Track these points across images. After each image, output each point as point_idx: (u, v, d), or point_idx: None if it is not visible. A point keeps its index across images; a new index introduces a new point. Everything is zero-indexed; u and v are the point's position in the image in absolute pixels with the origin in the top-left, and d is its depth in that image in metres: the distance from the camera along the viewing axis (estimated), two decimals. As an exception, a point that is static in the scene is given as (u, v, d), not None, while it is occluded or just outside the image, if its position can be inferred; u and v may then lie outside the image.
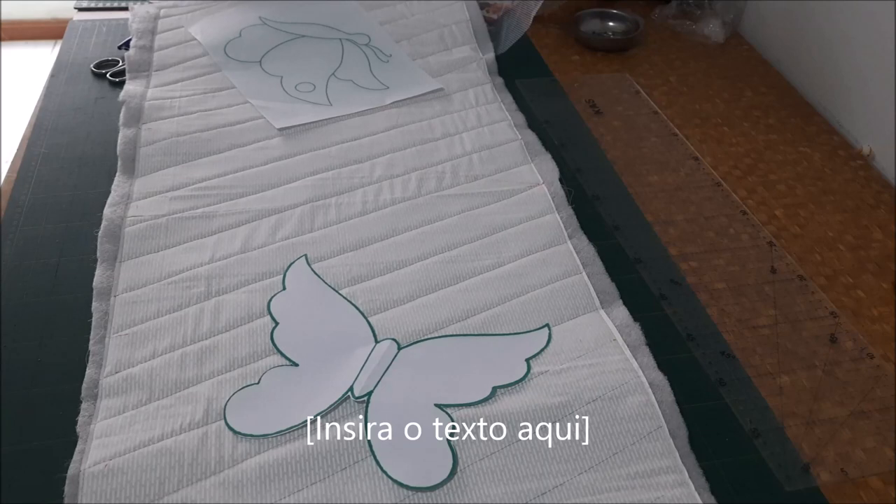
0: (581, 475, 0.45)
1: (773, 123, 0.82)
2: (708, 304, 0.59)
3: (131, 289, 0.56)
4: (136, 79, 0.78)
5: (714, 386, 0.52)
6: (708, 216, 0.67)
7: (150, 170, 0.67)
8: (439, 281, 0.58)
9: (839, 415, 0.51)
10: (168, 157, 0.69)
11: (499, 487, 0.44)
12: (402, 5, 0.91)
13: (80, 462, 0.44)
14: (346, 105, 0.77)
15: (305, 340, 0.53)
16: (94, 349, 0.51)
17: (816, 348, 0.56)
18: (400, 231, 0.62)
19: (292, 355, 0.52)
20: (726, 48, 0.95)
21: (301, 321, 0.54)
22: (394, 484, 0.44)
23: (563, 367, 0.52)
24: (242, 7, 0.88)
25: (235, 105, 0.76)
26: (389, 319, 0.55)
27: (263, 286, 0.57)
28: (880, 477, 0.48)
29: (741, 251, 0.64)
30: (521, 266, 0.59)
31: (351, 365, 0.51)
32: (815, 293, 0.60)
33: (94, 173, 0.68)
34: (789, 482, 0.47)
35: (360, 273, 0.58)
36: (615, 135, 0.77)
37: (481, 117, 0.76)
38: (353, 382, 0.50)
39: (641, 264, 0.62)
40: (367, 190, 0.66)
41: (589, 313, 0.56)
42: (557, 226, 0.63)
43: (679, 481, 0.45)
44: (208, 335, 0.53)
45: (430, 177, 0.68)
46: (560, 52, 0.92)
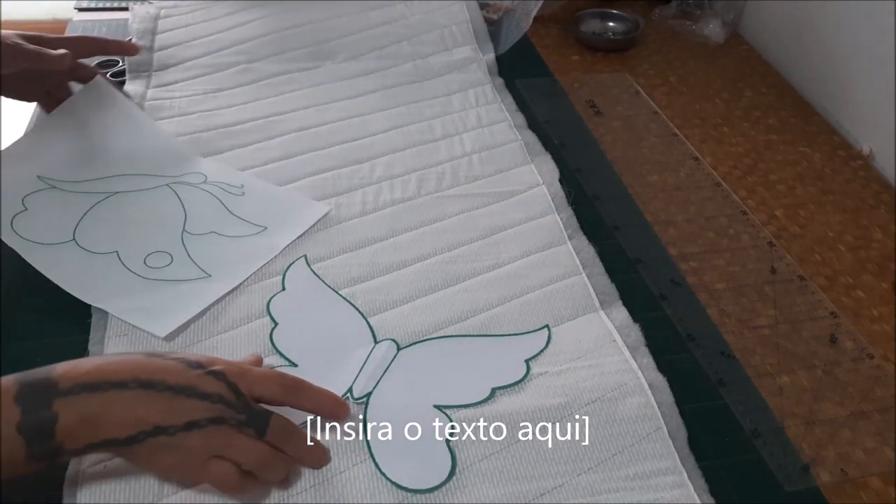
0: (581, 476, 0.45)
1: (773, 123, 0.82)
2: (708, 304, 0.59)
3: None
4: (136, 79, 0.78)
5: (714, 386, 0.52)
6: (708, 216, 0.67)
7: (150, 170, 0.67)
8: (439, 281, 0.58)
9: (839, 415, 0.51)
10: (168, 158, 0.68)
11: (498, 488, 0.44)
12: (401, 5, 0.91)
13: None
14: (230, 269, 0.57)
15: (304, 341, 0.53)
16: (93, 350, 0.51)
17: (816, 348, 0.56)
18: (400, 232, 0.62)
19: (291, 355, 0.51)
20: (726, 48, 0.95)
21: (300, 321, 0.54)
22: (392, 486, 0.44)
23: (562, 367, 0.51)
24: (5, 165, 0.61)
25: (235, 105, 0.76)
26: (389, 320, 0.54)
27: (263, 286, 0.57)
28: (880, 477, 0.48)
29: (741, 251, 0.64)
30: (521, 267, 0.59)
31: (350, 366, 0.51)
32: (815, 293, 0.60)
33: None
34: (789, 482, 0.47)
35: (359, 273, 0.58)
36: (615, 135, 0.77)
37: (481, 118, 0.76)
38: (353, 383, 0.49)
39: (641, 264, 0.62)
40: (367, 190, 0.66)
41: (589, 314, 0.56)
42: (557, 226, 0.63)
43: (678, 482, 0.45)
44: (208, 335, 0.53)
45: (429, 177, 0.68)
46: (560, 52, 0.92)
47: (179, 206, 0.61)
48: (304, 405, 0.45)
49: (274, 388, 0.43)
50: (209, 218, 0.61)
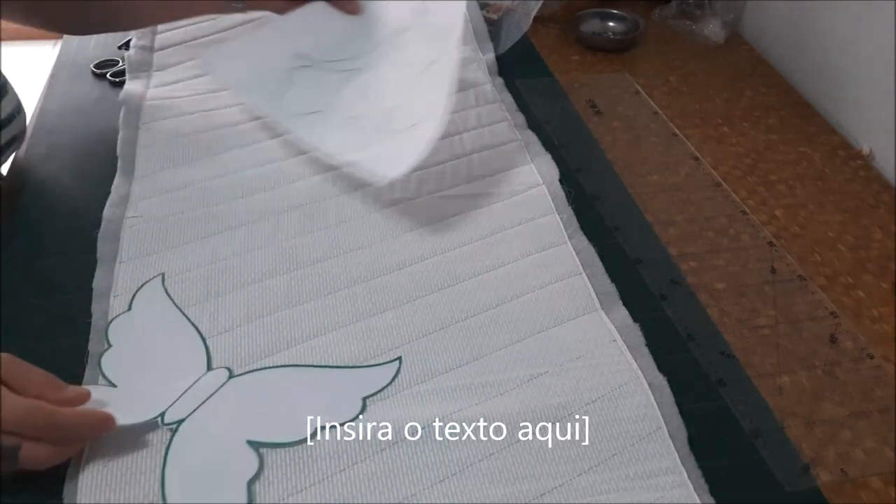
0: (581, 476, 0.45)
1: (773, 123, 0.82)
2: (708, 304, 0.59)
3: (130, 291, 0.56)
4: (135, 79, 0.78)
5: (714, 386, 0.52)
6: (708, 216, 0.67)
7: (150, 170, 0.67)
8: (439, 282, 0.58)
9: (839, 415, 0.51)
10: (168, 158, 0.69)
11: (498, 488, 0.44)
12: (402, 5, 0.91)
13: (79, 462, 0.44)
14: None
15: (133, 364, 0.50)
16: (93, 350, 0.51)
17: (816, 348, 0.56)
18: (400, 232, 0.62)
19: (114, 379, 0.49)
20: (726, 48, 0.95)
21: (135, 345, 0.52)
22: None
23: (562, 367, 0.51)
24: (262, 42, 0.74)
25: (235, 105, 0.76)
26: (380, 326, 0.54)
27: (263, 287, 0.57)
28: (880, 477, 0.48)
29: (741, 251, 0.64)
30: (521, 267, 0.59)
31: (171, 390, 0.48)
32: (815, 293, 0.60)
33: (94, 173, 0.68)
34: (789, 482, 0.47)
35: (360, 274, 0.58)
36: (615, 135, 0.77)
37: (481, 118, 0.76)
38: (168, 408, 0.47)
39: (641, 264, 0.62)
40: (367, 190, 0.66)
41: (589, 314, 0.56)
42: (557, 226, 0.63)
43: (679, 482, 0.45)
44: (207, 336, 0.53)
45: (429, 177, 0.68)
46: (560, 52, 0.92)
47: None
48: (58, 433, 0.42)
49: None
50: None
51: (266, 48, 0.74)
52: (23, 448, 0.40)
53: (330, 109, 0.70)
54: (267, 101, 0.70)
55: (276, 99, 0.70)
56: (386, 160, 0.61)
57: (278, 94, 0.70)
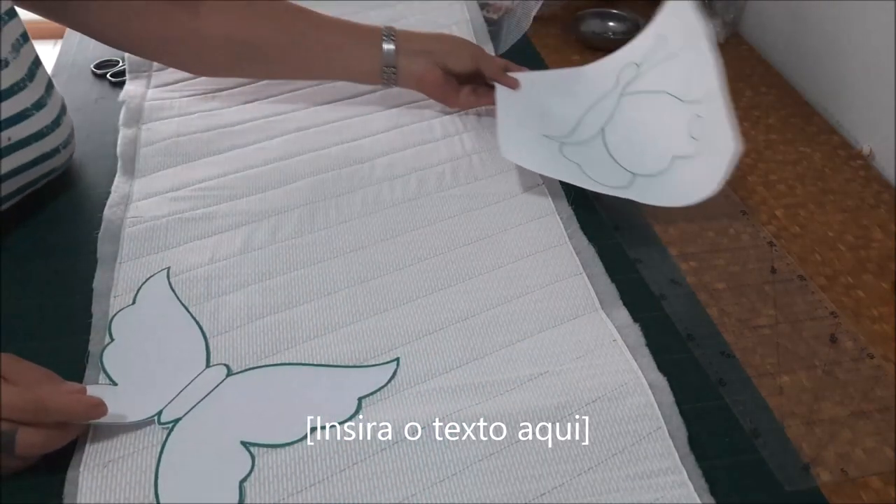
0: (581, 476, 0.45)
1: (773, 123, 0.82)
2: (708, 304, 0.59)
3: (131, 290, 0.56)
4: (136, 79, 0.78)
5: (714, 386, 0.52)
6: (708, 216, 0.67)
7: (150, 170, 0.67)
8: (439, 282, 0.58)
9: (839, 415, 0.51)
10: (168, 158, 0.69)
11: (498, 488, 0.44)
12: (401, 5, 0.91)
13: (79, 462, 0.45)
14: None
15: (134, 360, 0.50)
16: (93, 350, 0.51)
17: (816, 348, 0.56)
18: (399, 232, 0.62)
19: (115, 375, 0.49)
20: (726, 48, 0.95)
21: (138, 340, 0.52)
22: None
23: (562, 367, 0.52)
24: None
25: (235, 106, 0.76)
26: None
27: (263, 287, 0.57)
28: (880, 477, 0.48)
29: (741, 251, 0.64)
30: (521, 267, 0.59)
31: (170, 388, 0.49)
32: (815, 293, 0.60)
33: (94, 174, 0.68)
34: (789, 482, 0.47)
35: (360, 274, 0.58)
36: (615, 135, 0.77)
37: (481, 118, 0.76)
38: (164, 407, 0.47)
39: (641, 264, 0.62)
40: (367, 191, 0.66)
41: (589, 314, 0.56)
42: (557, 226, 0.63)
43: (679, 482, 0.45)
44: (207, 336, 0.53)
45: (429, 177, 0.68)
46: (560, 52, 0.92)
47: None
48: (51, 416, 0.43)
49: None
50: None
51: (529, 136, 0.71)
52: (19, 433, 0.41)
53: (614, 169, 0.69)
54: (575, 176, 0.66)
55: (578, 172, 0.67)
56: (696, 183, 0.64)
57: (574, 170, 0.67)
